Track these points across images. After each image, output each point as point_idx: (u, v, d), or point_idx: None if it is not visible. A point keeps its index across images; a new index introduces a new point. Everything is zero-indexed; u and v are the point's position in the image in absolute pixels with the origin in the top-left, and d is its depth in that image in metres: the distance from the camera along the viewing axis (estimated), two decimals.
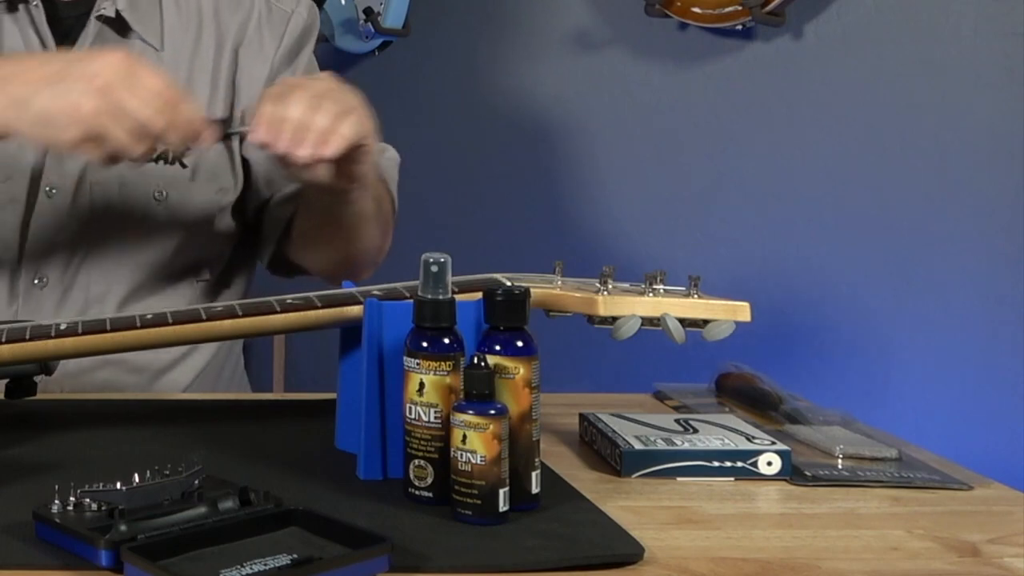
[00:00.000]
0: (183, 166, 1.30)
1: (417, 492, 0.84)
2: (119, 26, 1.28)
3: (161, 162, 1.28)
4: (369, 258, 1.35)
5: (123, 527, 0.71)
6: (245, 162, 1.36)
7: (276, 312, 0.97)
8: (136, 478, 0.76)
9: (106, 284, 1.28)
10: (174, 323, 0.96)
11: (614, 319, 0.98)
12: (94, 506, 0.75)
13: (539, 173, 2.39)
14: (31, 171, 1.25)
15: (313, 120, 1.04)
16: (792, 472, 0.94)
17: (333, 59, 2.66)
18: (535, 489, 0.83)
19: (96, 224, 1.27)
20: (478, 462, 0.79)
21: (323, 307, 0.97)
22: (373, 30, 2.59)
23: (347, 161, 1.08)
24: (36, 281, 1.26)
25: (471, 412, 0.79)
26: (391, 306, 0.90)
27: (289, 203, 1.35)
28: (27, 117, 1.02)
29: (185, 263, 1.33)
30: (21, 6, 1.26)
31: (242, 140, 1.10)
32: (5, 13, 1.26)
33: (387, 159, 1.39)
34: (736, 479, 0.93)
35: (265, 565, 0.68)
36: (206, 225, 1.33)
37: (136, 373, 1.30)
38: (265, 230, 1.39)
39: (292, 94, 1.05)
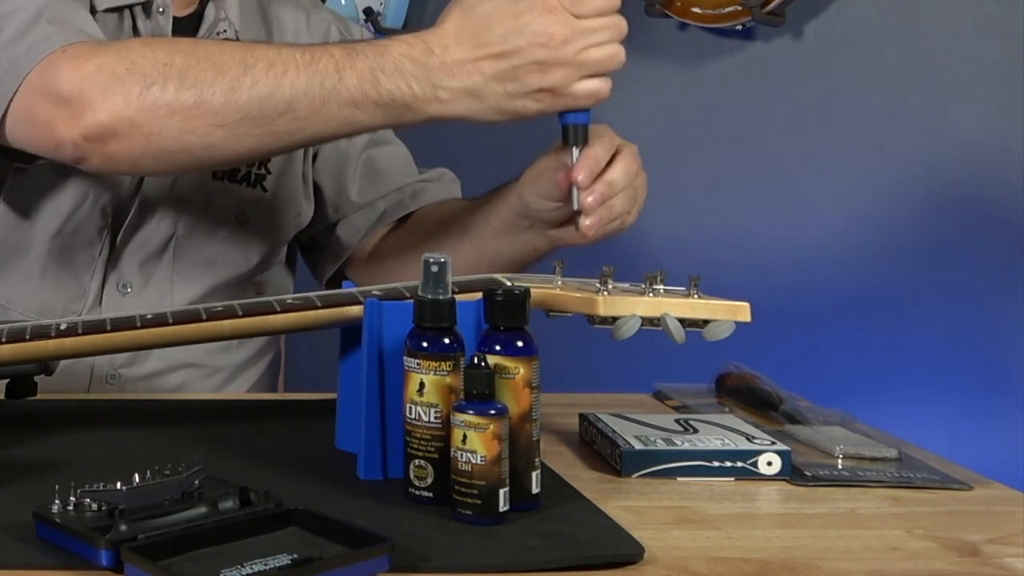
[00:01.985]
0: (264, 190, 1.34)
1: (417, 492, 0.84)
2: None
3: (244, 183, 1.32)
4: None
5: (123, 527, 0.71)
6: (316, 187, 1.40)
7: (276, 312, 0.97)
8: (136, 478, 0.76)
9: (186, 295, 1.31)
10: (174, 323, 0.96)
11: (614, 319, 0.98)
12: (94, 506, 0.75)
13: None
14: (132, 182, 1.26)
15: (630, 209, 1.12)
16: (792, 472, 0.94)
17: None
18: (535, 489, 0.83)
19: (183, 239, 1.30)
20: (478, 462, 0.79)
21: (323, 307, 0.97)
22: (373, 30, 2.59)
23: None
24: (120, 287, 1.28)
25: (471, 412, 0.79)
26: (391, 306, 0.90)
27: (356, 232, 1.40)
28: (490, 101, 1.04)
29: (254, 279, 1.37)
30: (156, 13, 1.27)
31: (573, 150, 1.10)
32: (143, 16, 1.27)
33: (450, 181, 1.43)
34: (736, 479, 0.93)
35: (265, 565, 0.68)
36: (279, 246, 1.40)
37: (213, 375, 1.33)
38: (330, 251, 1.43)
39: (619, 161, 1.11)
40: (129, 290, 1.28)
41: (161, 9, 1.27)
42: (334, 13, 1.49)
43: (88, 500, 0.75)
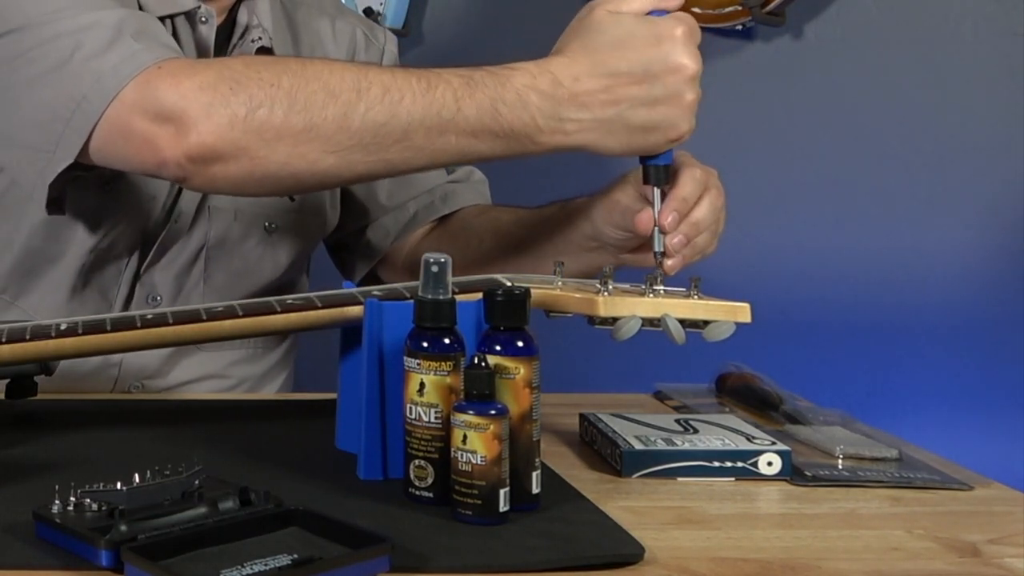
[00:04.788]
0: (291, 199, 1.33)
1: (417, 492, 0.84)
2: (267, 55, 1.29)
3: None
4: None
5: (123, 527, 0.71)
6: (343, 193, 1.39)
7: (276, 312, 0.97)
8: (136, 478, 0.76)
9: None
10: (174, 323, 0.96)
11: (614, 320, 0.98)
12: (94, 506, 0.75)
13: (538, 173, 2.39)
14: (169, 197, 1.25)
15: (711, 242, 1.09)
16: (792, 472, 0.94)
17: None
18: (535, 489, 0.83)
19: (213, 249, 1.29)
20: (478, 462, 0.79)
21: (323, 307, 0.97)
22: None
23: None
24: (149, 299, 1.27)
25: (471, 412, 0.79)
26: (391, 306, 0.90)
27: (387, 234, 1.40)
28: (621, 135, 1.01)
29: (282, 287, 1.36)
30: (199, 23, 1.25)
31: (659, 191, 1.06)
32: (187, 26, 1.24)
33: (479, 181, 1.43)
34: (736, 479, 0.93)
35: (265, 565, 0.68)
36: (306, 254, 1.39)
37: (237, 387, 1.33)
38: (359, 253, 1.43)
39: (706, 200, 1.07)
40: (159, 301, 1.27)
41: (204, 19, 1.24)
42: (359, 17, 1.48)
43: (88, 500, 0.75)
